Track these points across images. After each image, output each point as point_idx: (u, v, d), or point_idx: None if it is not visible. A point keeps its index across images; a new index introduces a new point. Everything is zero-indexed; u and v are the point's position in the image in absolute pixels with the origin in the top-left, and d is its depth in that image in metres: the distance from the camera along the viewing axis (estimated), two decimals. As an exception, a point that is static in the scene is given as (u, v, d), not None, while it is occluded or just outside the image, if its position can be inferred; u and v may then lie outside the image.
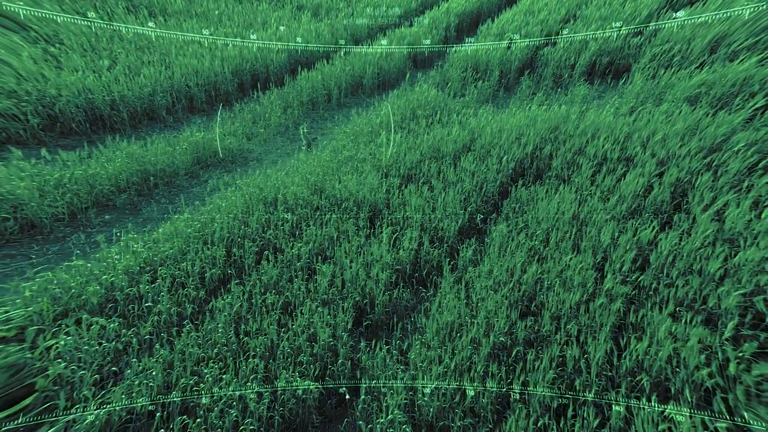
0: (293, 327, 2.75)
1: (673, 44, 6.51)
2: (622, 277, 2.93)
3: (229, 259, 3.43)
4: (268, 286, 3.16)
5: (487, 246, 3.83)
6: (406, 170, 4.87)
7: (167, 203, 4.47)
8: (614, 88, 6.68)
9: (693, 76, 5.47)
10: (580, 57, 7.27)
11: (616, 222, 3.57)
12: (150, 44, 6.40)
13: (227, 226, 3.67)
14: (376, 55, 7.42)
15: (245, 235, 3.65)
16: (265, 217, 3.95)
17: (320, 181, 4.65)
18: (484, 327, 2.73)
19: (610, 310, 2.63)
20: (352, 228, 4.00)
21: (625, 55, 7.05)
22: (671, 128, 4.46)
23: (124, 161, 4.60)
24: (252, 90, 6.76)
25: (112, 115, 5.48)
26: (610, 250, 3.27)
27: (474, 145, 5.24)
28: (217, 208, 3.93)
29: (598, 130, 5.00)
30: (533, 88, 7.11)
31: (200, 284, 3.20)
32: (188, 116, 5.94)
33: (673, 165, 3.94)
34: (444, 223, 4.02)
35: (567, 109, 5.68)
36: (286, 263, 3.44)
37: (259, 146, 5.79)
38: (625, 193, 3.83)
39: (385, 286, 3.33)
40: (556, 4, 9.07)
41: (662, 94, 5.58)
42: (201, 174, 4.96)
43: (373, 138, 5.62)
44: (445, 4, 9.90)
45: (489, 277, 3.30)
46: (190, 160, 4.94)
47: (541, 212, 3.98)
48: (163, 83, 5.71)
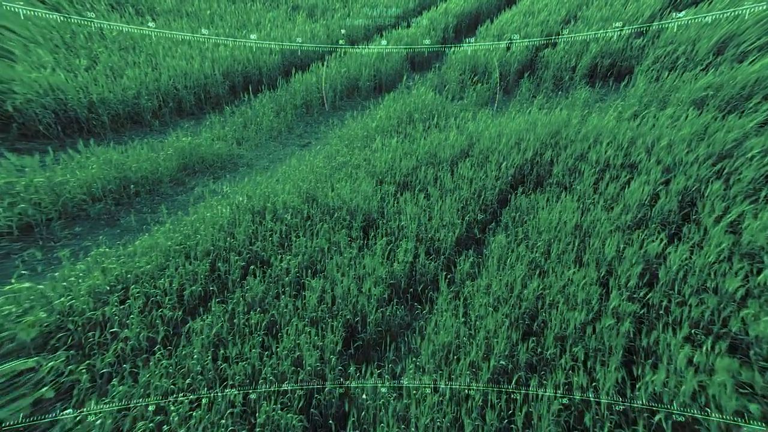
0: (278, 350, 2.56)
1: (677, 46, 6.34)
2: (629, 293, 2.74)
3: (213, 275, 3.23)
4: (253, 304, 2.97)
5: (485, 258, 3.65)
6: (402, 177, 4.69)
7: (149, 212, 4.22)
8: (616, 91, 6.52)
9: (699, 78, 5.30)
10: (581, 59, 7.11)
11: (621, 233, 3.39)
12: (135, 44, 6.13)
13: (212, 239, 3.48)
14: (372, 56, 7.24)
15: (231, 248, 3.46)
16: (252, 228, 3.77)
17: (312, 188, 4.47)
18: (484, 349, 2.55)
19: (618, 332, 2.45)
20: (345, 239, 3.81)
21: (627, 57, 6.89)
22: (677, 133, 4.28)
23: (100, 168, 4.29)
24: (244, 93, 6.57)
25: (90, 118, 5.15)
26: (615, 263, 3.08)
27: (472, 151, 5.06)
28: (202, 218, 3.72)
29: (600, 135, 4.83)
30: (533, 90, 6.94)
31: (178, 303, 2.97)
32: (176, 120, 5.71)
33: (680, 172, 3.76)
34: (441, 233, 3.84)
35: (568, 113, 5.51)
36: (274, 278, 3.25)
37: (250, 151, 5.60)
38: (629, 202, 3.65)
39: (378, 303, 3.14)
40: (557, 5, 8.90)
41: (666, 97, 5.40)
42: (187, 181, 4.72)
43: (368, 143, 5.44)
44: (443, 5, 9.73)
45: (488, 292, 3.11)
46: (176, 166, 4.70)
47: (541, 222, 3.80)
48: (149, 85, 5.47)
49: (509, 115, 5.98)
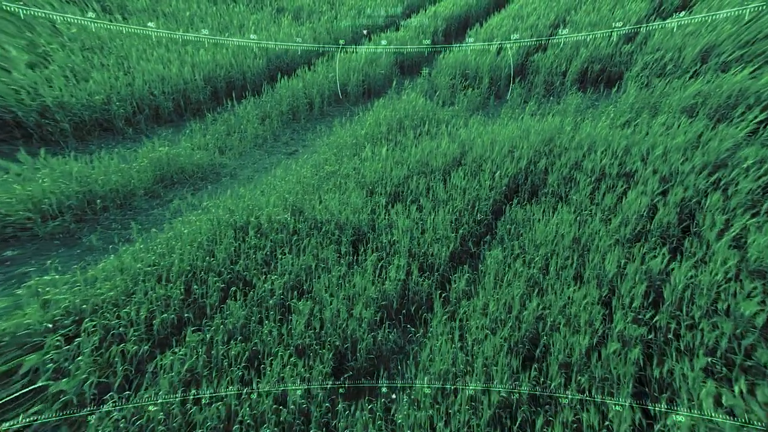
0: (259, 386, 2.33)
1: (665, 52, 6.35)
2: (634, 314, 2.61)
3: (188, 299, 2.97)
4: (234, 332, 2.73)
5: (481, 274, 3.49)
6: (393, 187, 4.50)
7: (118, 229, 3.87)
8: (607, 97, 6.49)
9: (687, 86, 5.29)
10: (571, 64, 7.07)
11: (621, 247, 3.27)
12: (103, 45, 5.68)
13: (188, 258, 3.22)
14: (361, 61, 7.05)
15: (210, 268, 3.21)
16: (234, 245, 3.52)
17: (299, 200, 4.24)
18: (483, 379, 2.37)
19: (627, 360, 2.30)
20: (333, 255, 3.61)
21: (617, 62, 6.88)
22: (672, 142, 4.22)
23: (54, 181, 3.85)
24: (227, 99, 6.29)
25: (43, 124, 4.63)
26: (616, 280, 2.96)
27: (465, 159, 4.92)
28: (179, 235, 3.45)
29: (594, 143, 4.74)
30: (524, 96, 6.86)
31: (146, 335, 2.68)
32: (153, 127, 5.38)
33: (678, 183, 3.68)
34: (434, 247, 3.67)
35: (561, 119, 5.42)
36: (257, 301, 3.02)
37: (233, 160, 5.34)
38: (628, 213, 3.55)
39: (369, 326, 2.94)
40: (545, 9, 8.89)
41: (657, 104, 5.37)
42: (163, 193, 4.41)
43: (357, 151, 5.24)
44: (432, 8, 9.63)
45: (485, 313, 2.95)
46: (151, 177, 4.39)
47: (538, 235, 3.66)
48: (120, 90, 5.11)
49: (501, 121, 5.87)
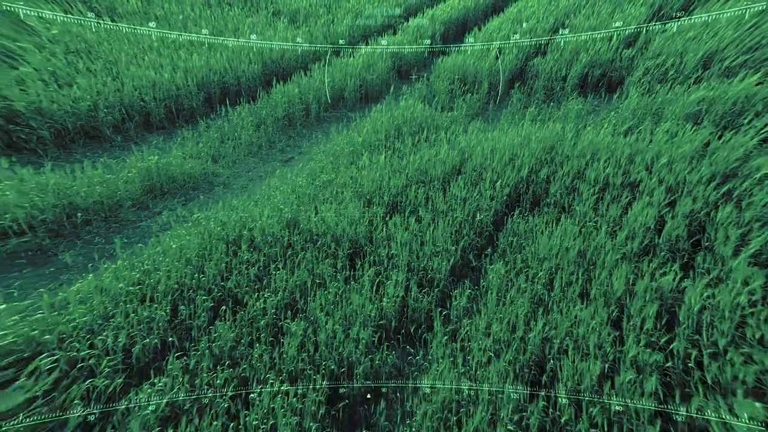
0: (246, 420, 2.18)
1: (666, 57, 6.26)
2: (647, 338, 2.47)
3: (174, 321, 2.81)
4: (221, 357, 2.57)
5: (483, 290, 3.35)
6: (391, 197, 4.37)
7: (101, 244, 3.63)
8: (609, 103, 6.38)
9: (691, 92, 5.19)
10: (571, 69, 6.97)
11: (628, 262, 3.15)
12: (90, 49, 5.46)
13: (176, 275, 3.06)
14: (359, 66, 6.93)
15: (199, 286, 3.06)
16: (226, 260, 3.37)
17: (294, 212, 4.10)
18: (489, 410, 2.23)
19: (643, 391, 2.16)
20: (329, 270, 3.46)
21: (618, 67, 6.78)
22: (677, 150, 4.11)
23: (24, 194, 3.58)
24: (221, 105, 6.14)
25: (13, 131, 4.32)
26: (625, 299, 2.83)
27: (465, 167, 4.79)
28: (166, 250, 3.29)
29: (597, 151, 4.63)
30: (524, 101, 6.75)
31: (124, 365, 2.46)
32: (143, 135, 5.20)
33: (685, 193, 3.56)
34: (434, 261, 3.53)
35: (562, 126, 5.31)
36: (247, 321, 2.87)
37: (227, 169, 5.18)
38: (634, 226, 3.42)
39: (367, 348, 2.80)
40: (544, 13, 8.81)
41: (660, 110, 5.27)
42: (152, 204, 4.23)
43: (354, 159, 5.11)
44: (429, 11, 9.53)
45: (488, 333, 2.81)
46: (139, 188, 4.20)
47: (541, 248, 3.53)
48: (108, 97, 4.91)
49: (501, 128, 5.76)
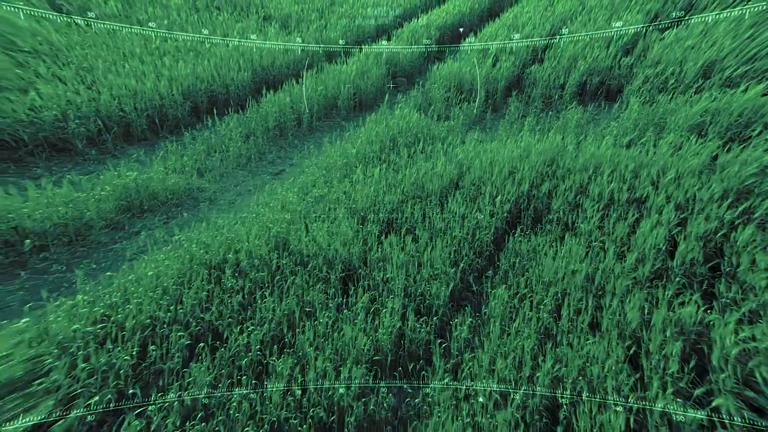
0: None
1: (665, 66, 6.15)
2: (674, 385, 2.23)
3: (142, 365, 2.53)
4: (194, 408, 2.32)
5: (485, 318, 3.14)
6: (387, 214, 4.15)
7: (60, 273, 3.16)
8: (609, 112, 6.25)
9: (694, 103, 5.06)
10: (569, 77, 6.84)
11: (640, 288, 2.96)
12: (58, 53, 5.06)
13: (149, 308, 2.80)
14: (352, 74, 6.72)
15: (175, 319, 2.80)
16: (207, 288, 3.12)
17: (284, 231, 3.86)
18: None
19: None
20: (321, 296, 3.23)
21: (616, 75, 6.66)
22: (684, 164, 3.95)
23: None
24: (208, 115, 5.89)
25: None
26: (642, 332, 2.62)
27: (463, 181, 4.59)
28: (139, 278, 3.02)
29: (600, 164, 4.46)
30: (522, 110, 6.60)
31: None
32: (123, 147, 4.91)
33: (697, 212, 3.39)
34: (432, 286, 3.31)
35: (562, 137, 5.15)
36: (228, 360, 2.62)
37: (213, 183, 4.93)
38: (644, 248, 3.24)
39: (361, 390, 2.56)
40: (540, 19, 8.70)
41: (662, 121, 5.13)
42: (130, 224, 3.93)
43: (348, 172, 4.89)
44: (424, 17, 9.38)
45: (492, 371, 2.60)
46: (114, 207, 3.87)
47: (546, 271, 3.34)
48: (81, 106, 4.59)
49: (500, 138, 5.58)
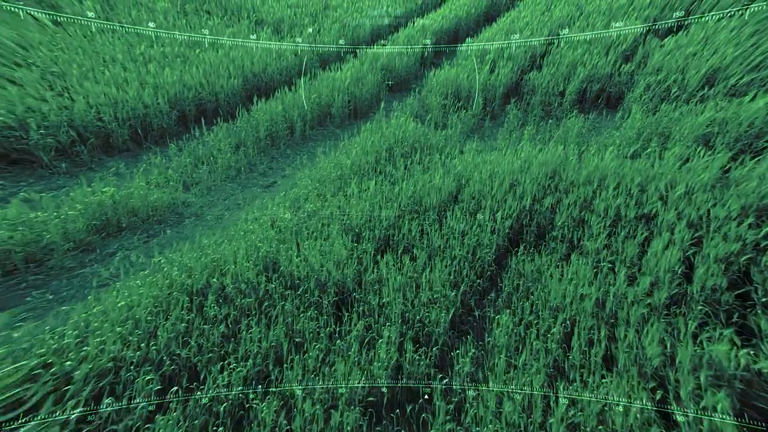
0: None
1: (667, 74, 6.01)
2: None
3: (92, 420, 2.24)
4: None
5: (489, 348, 2.92)
6: (383, 231, 3.93)
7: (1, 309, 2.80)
8: (610, 120, 6.09)
9: (699, 112, 4.90)
10: (568, 83, 6.68)
11: (657, 317, 2.75)
12: (14, 53, 4.71)
13: (115, 348, 2.53)
14: (347, 81, 6.51)
15: (146, 358, 2.54)
16: (187, 318, 2.87)
17: (273, 251, 3.62)
18: None
19: None
20: (312, 325, 2.99)
21: (617, 82, 6.52)
22: (694, 178, 3.77)
23: None
24: (196, 125, 5.64)
25: None
26: (666, 372, 2.40)
27: (462, 195, 4.38)
28: (108, 309, 2.74)
29: (604, 177, 4.27)
30: (521, 118, 6.42)
31: None
32: (101, 159, 4.61)
33: (713, 231, 3.20)
34: (432, 312, 3.09)
35: (564, 148, 4.96)
36: (205, 408, 2.36)
37: (200, 197, 4.68)
38: (658, 271, 3.04)
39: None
40: (538, 24, 8.57)
41: (666, 131, 4.97)
42: (103, 245, 3.56)
43: (342, 186, 4.66)
44: (420, 21, 9.22)
45: (499, 414, 2.37)
46: (84, 227, 3.52)
47: (552, 295, 3.13)
48: (48, 115, 4.28)
49: (499, 148, 5.39)
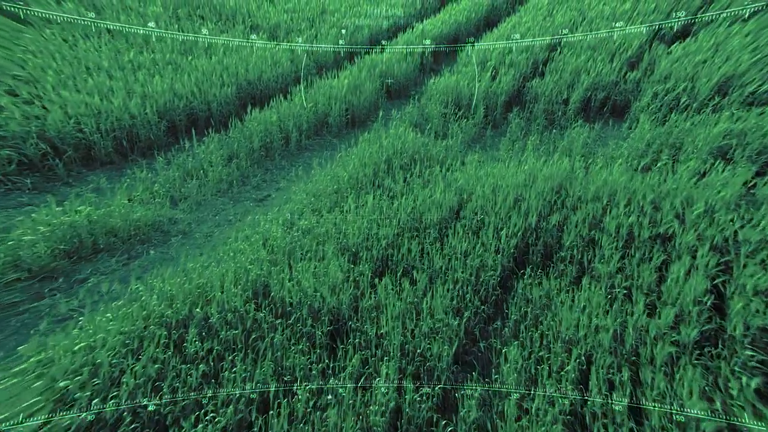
0: None
1: (676, 82, 5.80)
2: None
3: None
4: None
5: (496, 385, 2.67)
6: (381, 251, 3.69)
7: None
8: (617, 130, 5.87)
9: (713, 123, 4.69)
10: (572, 92, 6.47)
11: (688, 358, 2.50)
12: None
13: (53, 401, 2.26)
14: (344, 89, 6.30)
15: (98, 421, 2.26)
16: (162, 357, 2.61)
17: (264, 274, 3.37)
18: None
19: None
20: (303, 360, 2.74)
21: (622, 90, 6.31)
22: (714, 195, 3.54)
23: None
24: (186, 136, 5.40)
25: None
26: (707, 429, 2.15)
27: (464, 210, 4.15)
28: (53, 358, 2.40)
29: (614, 193, 4.04)
30: (524, 127, 6.20)
31: None
32: (80, 173, 4.36)
33: (746, 257, 2.95)
34: (434, 345, 2.84)
35: (570, 160, 4.74)
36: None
37: (189, 213, 4.43)
38: (682, 302, 2.79)
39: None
40: (539, 30, 8.39)
41: (678, 143, 4.75)
42: (71, 271, 3.20)
43: (338, 201, 4.42)
44: (419, 26, 9.03)
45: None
46: (47, 251, 3.11)
47: (564, 325, 2.88)
48: (8, 125, 3.96)
49: (502, 160, 5.17)
